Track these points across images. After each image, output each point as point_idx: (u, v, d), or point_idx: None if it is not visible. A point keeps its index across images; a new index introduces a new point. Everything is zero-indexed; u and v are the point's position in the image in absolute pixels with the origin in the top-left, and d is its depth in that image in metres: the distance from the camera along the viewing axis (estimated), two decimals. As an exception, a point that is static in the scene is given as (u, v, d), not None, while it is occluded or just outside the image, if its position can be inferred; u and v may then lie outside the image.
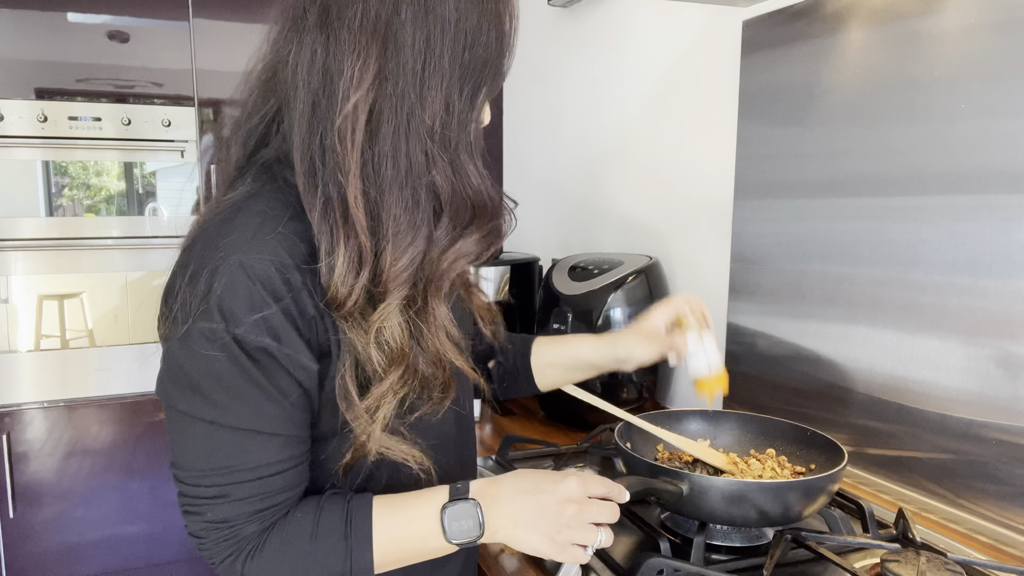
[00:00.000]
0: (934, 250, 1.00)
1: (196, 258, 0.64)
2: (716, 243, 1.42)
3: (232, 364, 0.63)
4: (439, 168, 0.66)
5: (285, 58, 0.67)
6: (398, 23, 0.63)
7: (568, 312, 1.47)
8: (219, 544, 0.67)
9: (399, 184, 0.64)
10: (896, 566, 0.81)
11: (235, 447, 0.65)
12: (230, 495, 0.65)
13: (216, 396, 0.63)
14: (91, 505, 2.09)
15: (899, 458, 1.07)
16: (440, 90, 0.65)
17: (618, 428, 1.02)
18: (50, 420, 2.04)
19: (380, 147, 0.64)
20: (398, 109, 0.64)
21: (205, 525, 0.66)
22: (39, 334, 2.03)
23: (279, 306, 0.63)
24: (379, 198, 0.64)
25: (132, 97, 2.04)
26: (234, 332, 0.62)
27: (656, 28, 1.59)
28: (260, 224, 0.64)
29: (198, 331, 0.62)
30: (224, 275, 0.62)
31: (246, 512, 0.66)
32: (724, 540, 0.94)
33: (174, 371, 0.65)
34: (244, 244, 0.63)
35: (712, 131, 1.43)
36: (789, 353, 1.24)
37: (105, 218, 2.06)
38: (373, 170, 0.64)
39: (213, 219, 0.67)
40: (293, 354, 0.64)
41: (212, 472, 0.65)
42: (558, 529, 0.68)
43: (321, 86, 0.64)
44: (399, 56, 0.63)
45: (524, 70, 2.26)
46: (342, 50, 0.63)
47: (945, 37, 0.97)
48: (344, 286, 0.64)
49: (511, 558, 0.96)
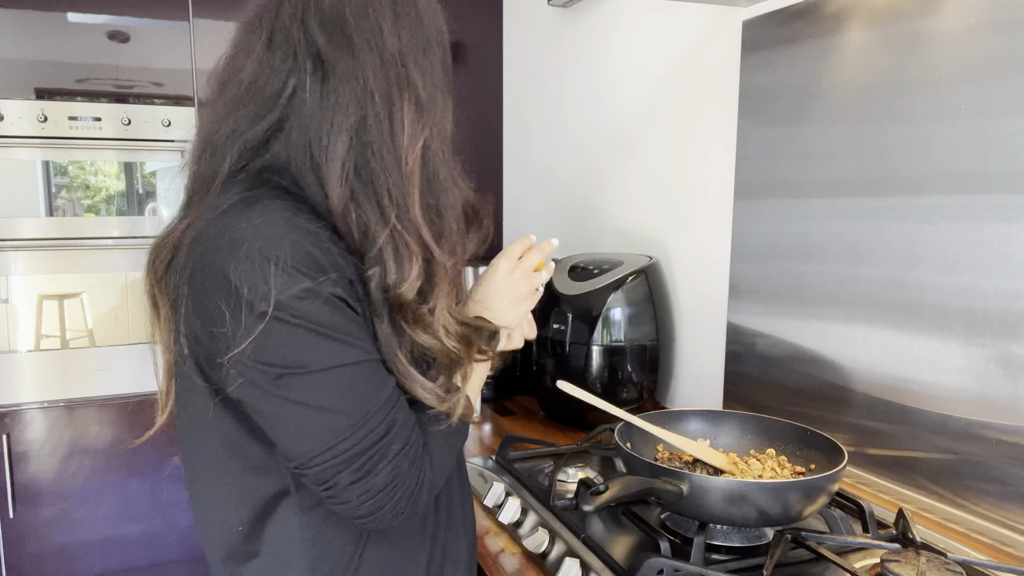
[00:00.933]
0: (934, 250, 1.00)
1: (235, 246, 0.64)
2: (716, 243, 1.42)
3: (334, 310, 0.65)
4: (458, 182, 0.75)
5: (292, 81, 0.70)
6: (419, 51, 0.72)
7: (568, 312, 1.47)
8: (409, 474, 0.69)
9: (451, 204, 0.74)
10: (896, 566, 0.81)
11: (378, 376, 0.68)
12: (396, 420, 0.68)
13: (344, 337, 0.65)
14: (91, 505, 2.09)
15: (899, 458, 1.07)
16: (445, 107, 0.75)
17: (618, 428, 1.02)
18: (50, 420, 2.04)
19: (432, 176, 0.73)
20: (439, 135, 0.73)
21: (391, 465, 0.67)
22: (39, 334, 2.03)
23: (333, 267, 0.66)
24: (438, 220, 0.73)
25: (132, 97, 2.04)
26: (320, 284, 0.64)
27: (656, 28, 1.59)
28: (282, 206, 0.66)
29: (290, 298, 0.63)
30: (284, 243, 0.63)
31: (411, 424, 0.70)
32: (724, 540, 0.94)
33: (288, 345, 0.64)
34: (283, 219, 0.65)
35: (712, 131, 1.43)
36: (789, 353, 1.24)
37: (105, 218, 2.06)
38: (431, 194, 0.72)
39: (220, 216, 0.67)
40: (355, 304, 0.68)
41: (375, 409, 0.67)
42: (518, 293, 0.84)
43: (372, 122, 0.69)
44: (425, 75, 0.72)
45: (524, 70, 2.26)
46: (374, 84, 0.69)
47: (945, 37, 0.97)
48: (410, 290, 0.69)
49: (511, 558, 0.96)
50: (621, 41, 1.73)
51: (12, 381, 2.01)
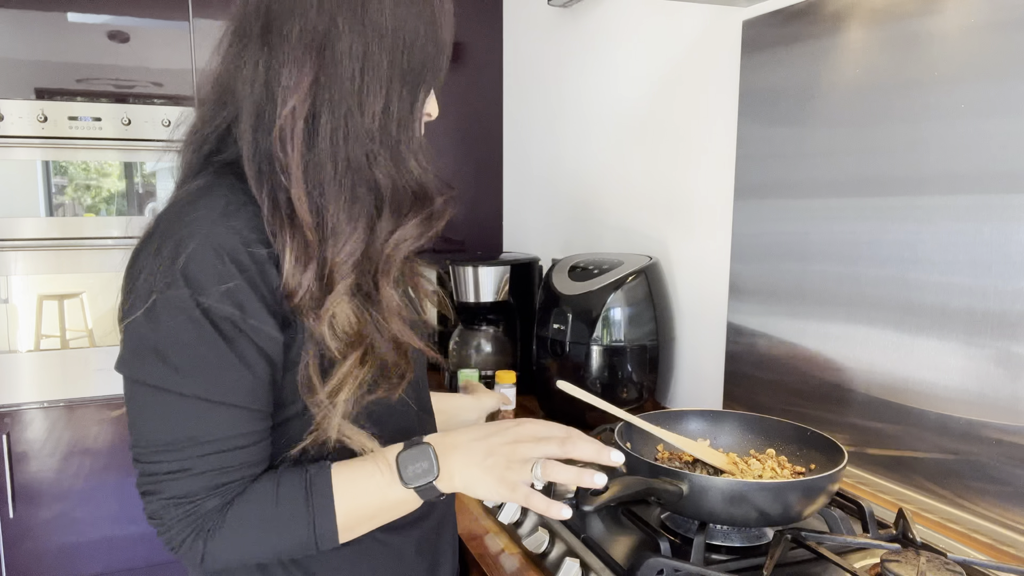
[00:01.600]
0: (934, 250, 1.00)
1: (160, 234, 0.67)
2: (716, 243, 1.42)
3: (197, 332, 0.64)
4: (380, 165, 0.70)
5: (233, 71, 0.71)
6: (335, 34, 0.67)
7: (568, 312, 1.47)
8: (179, 523, 0.66)
9: (338, 183, 0.68)
10: (896, 566, 0.81)
11: (197, 418, 0.65)
12: (191, 468, 0.65)
13: (180, 364, 0.64)
14: (91, 505, 2.09)
15: (899, 458, 1.07)
16: (379, 95, 0.69)
17: (618, 428, 1.02)
18: (50, 420, 2.04)
19: (319, 149, 0.68)
20: (335, 114, 0.68)
21: (164, 503, 0.66)
22: (39, 334, 2.03)
23: (244, 277, 0.65)
24: (321, 197, 0.68)
25: (132, 97, 2.04)
26: (199, 300, 0.63)
27: (656, 28, 1.59)
28: (225, 204, 0.67)
29: (164, 300, 0.64)
30: (190, 246, 0.64)
31: (206, 486, 0.66)
32: (724, 540, 0.94)
33: (136, 343, 0.66)
34: (211, 219, 0.66)
35: (712, 131, 1.43)
36: (789, 353, 1.24)
37: (105, 218, 2.06)
38: (313, 171, 0.68)
39: (175, 203, 0.69)
40: (258, 324, 0.66)
41: (173, 445, 0.65)
42: (506, 466, 0.68)
43: (263, 96, 0.68)
44: (337, 65, 0.67)
45: (524, 70, 2.26)
46: (280, 62, 0.67)
47: (945, 37, 0.97)
48: (294, 279, 0.66)
49: (511, 557, 0.96)
50: (621, 41, 1.73)
51: (12, 381, 2.01)
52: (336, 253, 0.68)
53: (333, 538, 0.68)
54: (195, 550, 0.67)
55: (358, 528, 0.70)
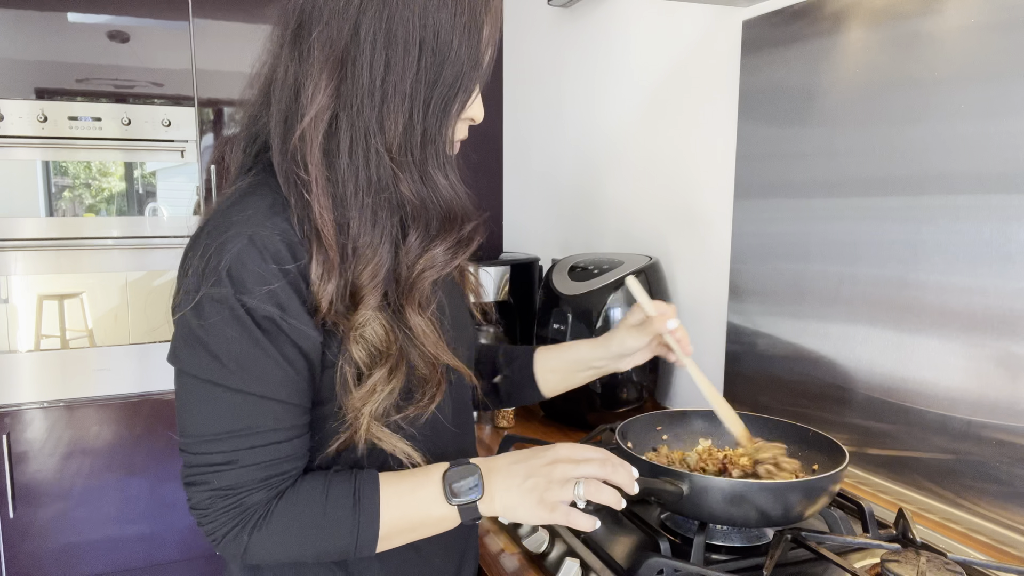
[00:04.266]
0: (934, 250, 1.00)
1: (207, 233, 0.67)
2: (716, 243, 1.42)
3: (241, 329, 0.65)
4: (405, 182, 0.68)
5: (270, 73, 0.70)
6: (356, 46, 0.65)
7: (568, 312, 1.47)
8: (224, 514, 0.67)
9: (360, 201, 0.67)
10: (896, 566, 0.81)
11: (245, 412, 0.66)
12: (238, 461, 0.66)
13: (226, 359, 0.65)
14: (91, 505, 2.09)
15: (899, 458, 1.07)
16: (402, 109, 0.67)
17: (619, 428, 1.02)
18: (50, 420, 2.04)
19: (340, 164, 0.67)
20: (355, 128, 0.66)
21: (211, 494, 0.66)
22: (39, 334, 2.03)
23: (286, 278, 0.65)
24: (343, 215, 0.67)
25: (132, 97, 2.04)
26: (242, 299, 0.64)
27: (656, 28, 1.59)
28: (271, 204, 0.67)
29: (208, 297, 0.64)
30: (235, 246, 0.64)
31: (254, 479, 0.66)
32: (724, 540, 0.94)
33: (186, 337, 0.66)
34: (256, 219, 0.66)
35: (712, 131, 1.43)
36: (789, 353, 1.24)
37: (105, 218, 2.06)
38: (334, 187, 0.67)
39: (224, 202, 0.69)
40: (298, 324, 0.66)
41: (221, 437, 0.66)
42: (546, 487, 0.69)
43: (291, 104, 0.67)
44: (356, 78, 0.65)
45: (524, 70, 2.26)
46: (306, 70, 0.66)
47: (945, 37, 0.97)
48: (319, 292, 0.67)
49: (511, 557, 0.96)
50: (621, 41, 1.73)
51: (12, 381, 2.01)
52: (358, 273, 0.67)
53: (372, 547, 0.69)
54: (239, 542, 0.67)
55: (396, 539, 0.71)
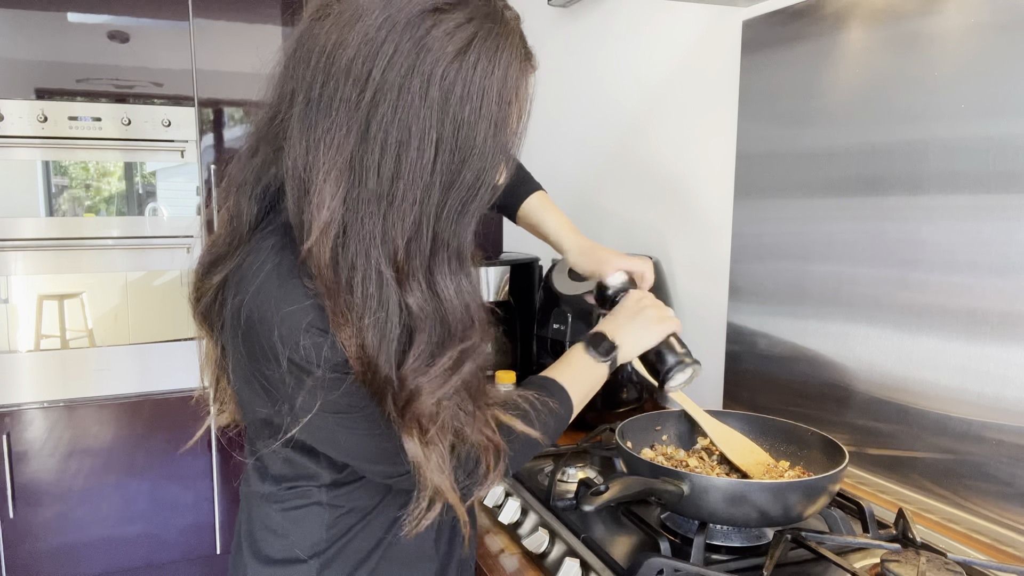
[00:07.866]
0: (934, 250, 1.00)
1: (270, 323, 0.63)
2: (716, 243, 1.42)
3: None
4: (412, 295, 0.62)
5: (279, 126, 0.64)
6: (364, 145, 0.59)
7: (568, 312, 1.46)
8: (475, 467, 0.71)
9: (365, 302, 0.61)
10: (896, 566, 0.81)
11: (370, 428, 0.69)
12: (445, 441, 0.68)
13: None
14: (91, 505, 2.09)
15: (899, 458, 1.07)
16: (410, 216, 0.60)
17: (619, 428, 1.02)
18: (50, 420, 2.04)
19: (342, 266, 0.61)
20: (360, 240, 0.60)
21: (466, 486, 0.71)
22: (39, 334, 2.03)
23: None
24: (350, 309, 0.62)
25: (132, 97, 2.04)
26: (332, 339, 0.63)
27: (656, 28, 1.59)
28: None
29: (328, 355, 0.63)
30: (310, 309, 0.63)
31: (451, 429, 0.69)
32: (724, 540, 0.94)
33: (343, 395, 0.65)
34: (294, 298, 0.63)
35: (712, 131, 1.43)
36: (789, 353, 1.24)
37: (105, 218, 2.06)
38: (344, 287, 0.61)
39: (260, 284, 0.64)
40: None
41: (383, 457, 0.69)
42: (651, 313, 0.92)
43: (299, 196, 0.62)
44: (364, 182, 0.59)
45: (524, 70, 2.26)
46: (314, 167, 0.60)
47: (945, 37, 0.97)
48: None
49: (511, 557, 0.96)
50: (621, 41, 1.73)
51: (12, 381, 2.01)
52: (371, 380, 0.63)
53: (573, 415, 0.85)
54: (498, 470, 0.71)
55: (582, 404, 0.87)
